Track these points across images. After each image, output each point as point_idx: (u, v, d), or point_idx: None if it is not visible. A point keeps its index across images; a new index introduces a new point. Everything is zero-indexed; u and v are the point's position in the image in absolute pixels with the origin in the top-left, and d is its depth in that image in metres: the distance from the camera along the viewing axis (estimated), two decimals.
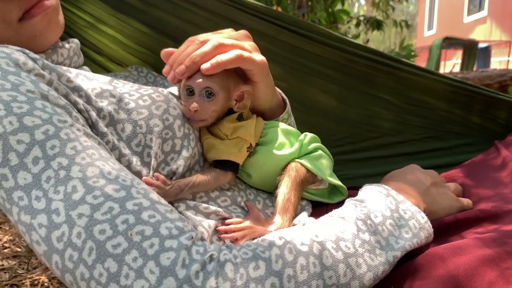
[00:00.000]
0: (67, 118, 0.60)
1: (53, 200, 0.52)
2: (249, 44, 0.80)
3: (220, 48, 0.75)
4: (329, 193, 0.89)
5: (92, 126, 0.66)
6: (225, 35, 0.78)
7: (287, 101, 0.95)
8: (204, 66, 0.72)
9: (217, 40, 0.75)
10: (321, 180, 0.85)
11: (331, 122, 1.28)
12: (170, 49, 0.78)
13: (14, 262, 1.62)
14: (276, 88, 0.92)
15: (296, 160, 0.81)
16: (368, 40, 5.91)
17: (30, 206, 0.53)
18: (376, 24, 4.55)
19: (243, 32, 0.82)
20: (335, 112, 1.28)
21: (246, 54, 0.76)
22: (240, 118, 0.80)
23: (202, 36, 0.77)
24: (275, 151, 0.80)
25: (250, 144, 0.79)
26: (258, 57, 0.80)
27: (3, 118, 0.55)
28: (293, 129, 0.88)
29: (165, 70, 0.77)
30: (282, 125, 0.86)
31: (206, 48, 0.74)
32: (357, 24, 4.70)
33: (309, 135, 0.86)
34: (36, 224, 0.52)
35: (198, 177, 0.73)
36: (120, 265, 0.49)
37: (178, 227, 0.54)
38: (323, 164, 0.84)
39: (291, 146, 0.83)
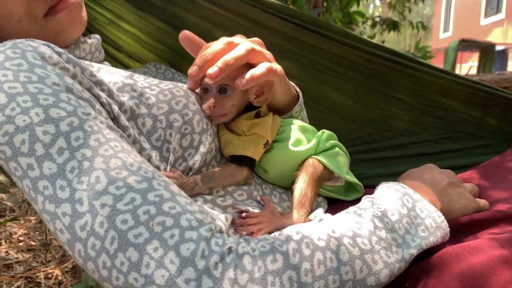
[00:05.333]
0: (90, 110, 0.61)
1: (77, 190, 0.54)
2: (267, 52, 0.81)
3: (252, 53, 0.75)
4: (346, 190, 0.89)
5: (114, 119, 0.67)
6: (249, 41, 0.79)
7: (300, 93, 0.95)
8: (239, 82, 0.73)
9: (251, 45, 0.75)
10: (337, 177, 0.86)
11: (347, 122, 1.28)
12: (190, 33, 0.79)
13: (28, 255, 1.64)
14: (290, 82, 0.92)
15: (314, 156, 0.82)
16: (383, 41, 5.89)
17: (54, 195, 0.54)
18: (392, 25, 4.52)
19: (256, 39, 0.82)
20: (351, 111, 1.27)
21: (274, 66, 0.78)
22: (258, 115, 0.81)
23: (225, 39, 0.77)
24: (292, 147, 0.81)
25: (267, 140, 0.79)
26: (277, 66, 0.81)
27: (29, 110, 0.57)
28: (309, 126, 0.88)
29: (191, 71, 0.76)
30: (299, 122, 0.87)
31: (240, 52, 0.74)
32: (373, 25, 4.68)
33: (326, 132, 0.87)
34: (60, 213, 0.54)
35: (215, 172, 0.75)
36: (141, 255, 0.50)
37: (198, 219, 0.55)
38: (340, 161, 0.84)
39: (308, 142, 0.83)
